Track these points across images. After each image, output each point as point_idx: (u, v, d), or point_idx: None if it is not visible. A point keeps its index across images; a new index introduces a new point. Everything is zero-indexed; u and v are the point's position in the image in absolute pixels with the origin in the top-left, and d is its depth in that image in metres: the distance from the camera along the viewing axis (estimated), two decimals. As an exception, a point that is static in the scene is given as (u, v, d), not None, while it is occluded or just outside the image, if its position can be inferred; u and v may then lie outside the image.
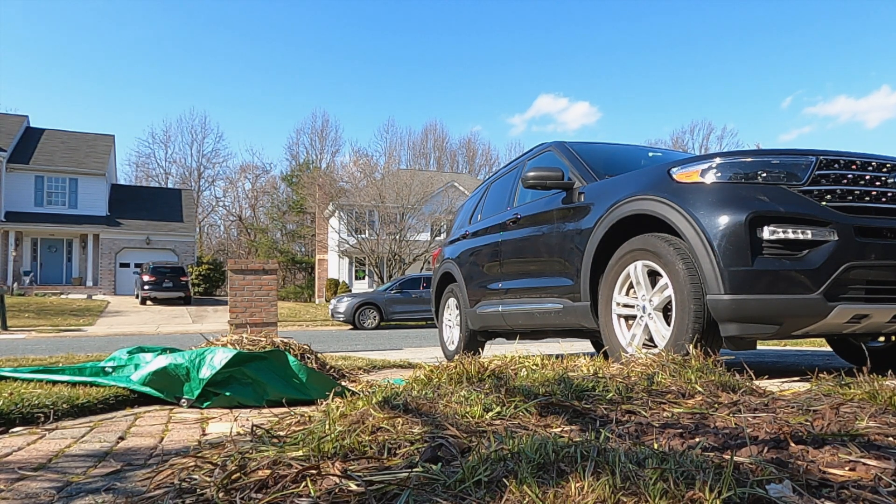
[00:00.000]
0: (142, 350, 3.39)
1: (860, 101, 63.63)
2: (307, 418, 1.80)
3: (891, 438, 1.34)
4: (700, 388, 1.97)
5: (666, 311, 3.10)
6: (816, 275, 2.69)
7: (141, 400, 2.81)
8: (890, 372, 2.08)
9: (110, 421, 2.40)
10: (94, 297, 26.33)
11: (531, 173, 3.91)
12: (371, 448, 1.35)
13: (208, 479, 1.24)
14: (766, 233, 2.74)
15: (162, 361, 2.91)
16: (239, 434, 1.76)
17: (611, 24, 67.56)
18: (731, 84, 66.96)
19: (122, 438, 2.05)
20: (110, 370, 3.16)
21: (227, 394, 2.76)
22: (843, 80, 63.82)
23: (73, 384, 2.95)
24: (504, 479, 1.07)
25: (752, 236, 2.75)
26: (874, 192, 2.87)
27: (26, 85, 62.66)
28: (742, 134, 62.09)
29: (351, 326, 17.83)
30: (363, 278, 33.06)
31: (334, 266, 34.07)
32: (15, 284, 25.77)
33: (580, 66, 69.21)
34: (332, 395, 2.09)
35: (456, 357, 2.46)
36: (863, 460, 1.18)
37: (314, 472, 1.20)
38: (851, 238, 2.72)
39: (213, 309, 24.06)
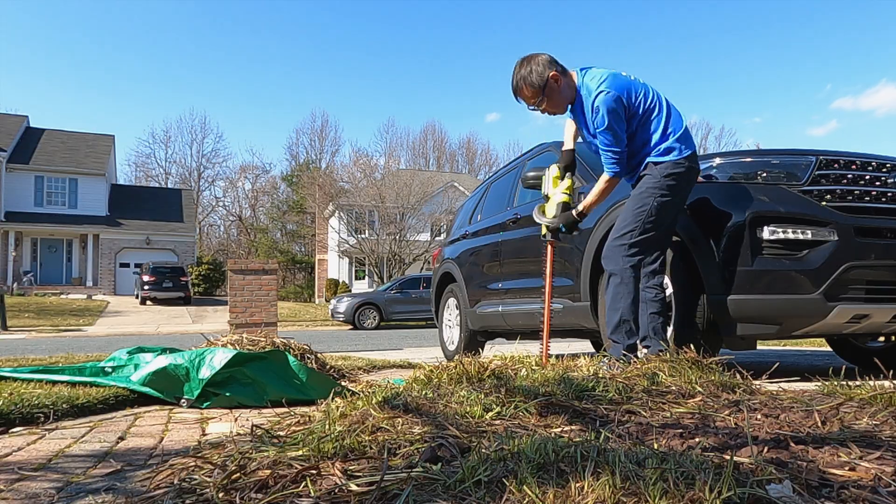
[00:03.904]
0: (142, 350, 3.39)
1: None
2: (307, 418, 1.80)
3: (891, 439, 1.34)
4: (700, 388, 1.97)
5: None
6: (816, 275, 2.69)
7: (141, 400, 2.81)
8: (891, 372, 2.08)
9: (110, 421, 2.40)
10: (93, 298, 26.32)
11: (531, 173, 3.90)
12: (371, 448, 1.35)
13: (208, 479, 1.24)
14: (766, 233, 2.74)
15: (162, 362, 2.91)
16: (239, 434, 1.76)
17: (655, 14, 66.57)
18: (760, 78, 66.03)
19: (122, 438, 2.05)
20: (110, 370, 3.16)
21: (227, 394, 2.76)
22: (884, 70, 61.15)
23: (73, 384, 2.94)
24: (504, 480, 1.07)
25: (753, 236, 2.75)
26: (874, 192, 2.87)
27: (26, 85, 62.76)
28: (769, 129, 61.31)
29: (351, 326, 17.82)
30: (363, 278, 33.06)
31: (334, 266, 34.06)
32: (15, 284, 25.75)
33: (617, 55, 68.32)
34: (332, 395, 2.09)
35: (456, 357, 2.46)
36: (863, 460, 1.18)
37: (314, 472, 1.20)
38: (851, 238, 2.72)
39: (213, 309, 24.05)
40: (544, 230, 3.10)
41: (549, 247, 3.10)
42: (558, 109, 2.89)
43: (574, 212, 2.98)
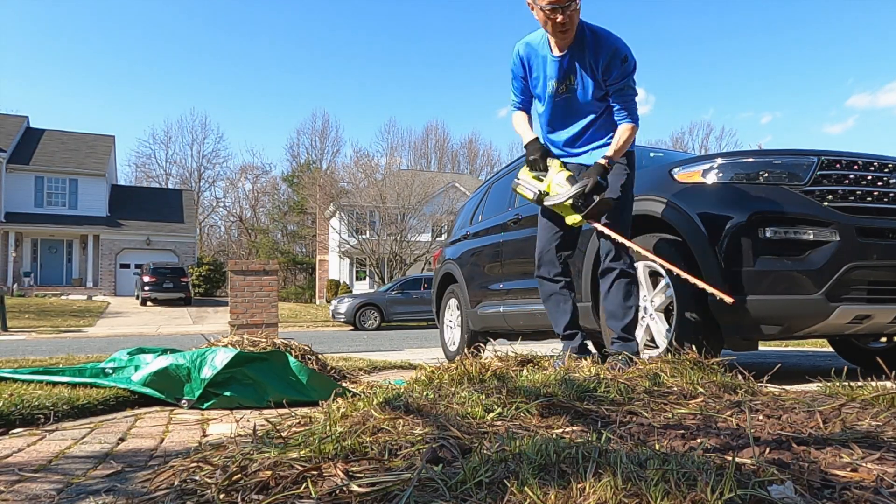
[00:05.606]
0: (142, 351, 3.39)
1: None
2: (308, 419, 1.80)
3: (893, 440, 1.34)
4: (702, 389, 1.96)
5: (667, 311, 3.10)
6: (818, 275, 2.69)
7: (141, 401, 2.81)
8: (893, 373, 2.07)
9: (111, 422, 2.39)
10: (94, 298, 26.33)
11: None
12: (372, 449, 1.34)
13: (209, 480, 1.24)
14: (768, 233, 2.73)
15: (162, 362, 2.91)
16: (240, 435, 1.75)
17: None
18: (777, 74, 65.51)
19: (122, 440, 2.05)
20: (111, 371, 3.16)
21: (228, 394, 2.76)
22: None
23: (74, 385, 2.94)
24: (505, 481, 1.06)
25: (754, 237, 2.74)
26: (876, 193, 2.87)
27: (26, 85, 62.80)
28: (784, 126, 60.69)
29: (352, 327, 17.82)
30: (364, 279, 33.05)
31: (335, 267, 34.06)
32: (15, 285, 25.76)
33: (643, 50, 67.79)
34: (333, 396, 2.09)
35: (457, 358, 2.46)
36: (865, 461, 1.17)
37: (315, 473, 1.20)
38: (853, 238, 2.71)
39: (214, 310, 24.06)
40: (574, 219, 2.70)
41: (596, 225, 2.73)
42: (572, 30, 2.66)
43: (603, 161, 2.64)
